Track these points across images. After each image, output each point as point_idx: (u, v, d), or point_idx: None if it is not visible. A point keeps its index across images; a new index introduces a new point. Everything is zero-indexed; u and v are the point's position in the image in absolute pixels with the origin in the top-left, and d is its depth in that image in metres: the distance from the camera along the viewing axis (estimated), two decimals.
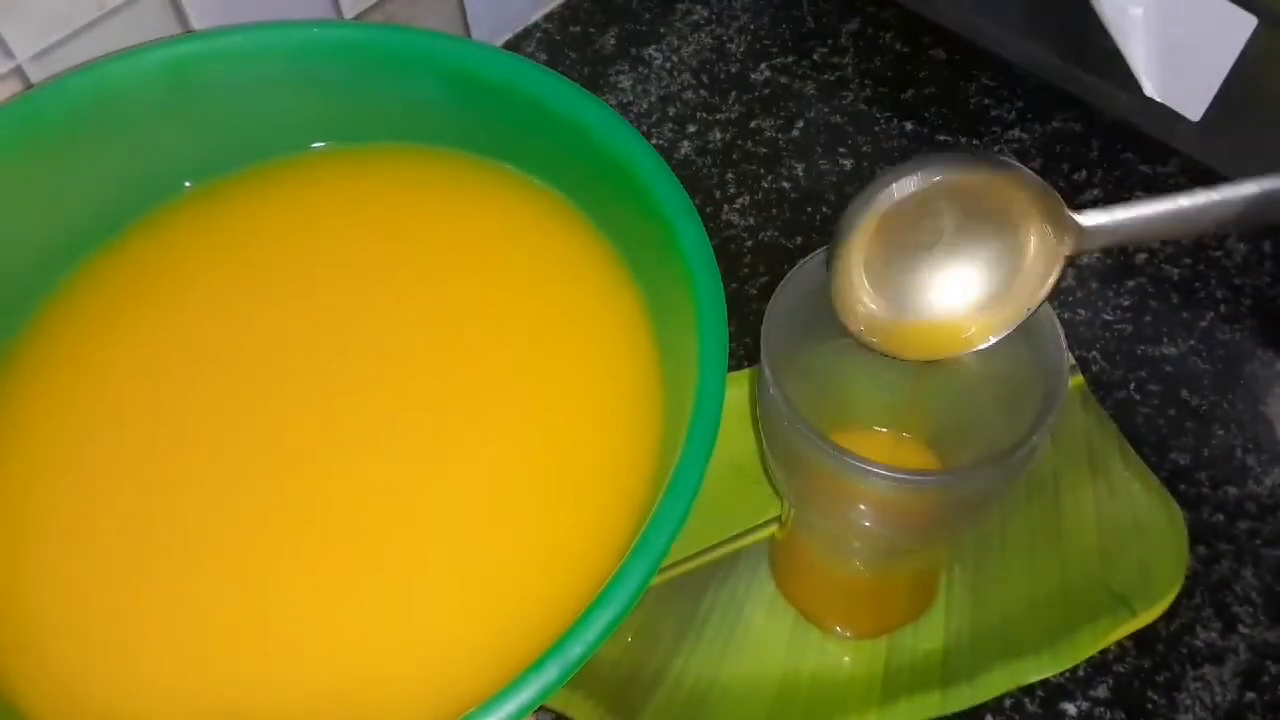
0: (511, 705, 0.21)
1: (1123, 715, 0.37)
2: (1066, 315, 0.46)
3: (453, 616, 0.25)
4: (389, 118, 0.31)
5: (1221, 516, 0.41)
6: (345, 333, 0.28)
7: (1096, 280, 0.47)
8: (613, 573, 0.22)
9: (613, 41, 0.56)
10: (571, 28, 0.56)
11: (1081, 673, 0.38)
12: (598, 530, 0.26)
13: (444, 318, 0.29)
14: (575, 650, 0.21)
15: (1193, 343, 0.45)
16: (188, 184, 0.31)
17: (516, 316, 0.29)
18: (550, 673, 0.21)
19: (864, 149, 0.51)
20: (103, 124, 0.29)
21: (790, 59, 0.54)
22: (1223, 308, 0.46)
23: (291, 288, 0.30)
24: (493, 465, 0.27)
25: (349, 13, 0.47)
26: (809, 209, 0.50)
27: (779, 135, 0.52)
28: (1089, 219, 0.28)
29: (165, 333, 0.29)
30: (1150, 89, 0.46)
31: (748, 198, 0.50)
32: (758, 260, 0.48)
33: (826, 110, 0.53)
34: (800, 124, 0.52)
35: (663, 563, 0.23)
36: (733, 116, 0.53)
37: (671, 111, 0.53)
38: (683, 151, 0.52)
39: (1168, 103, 0.47)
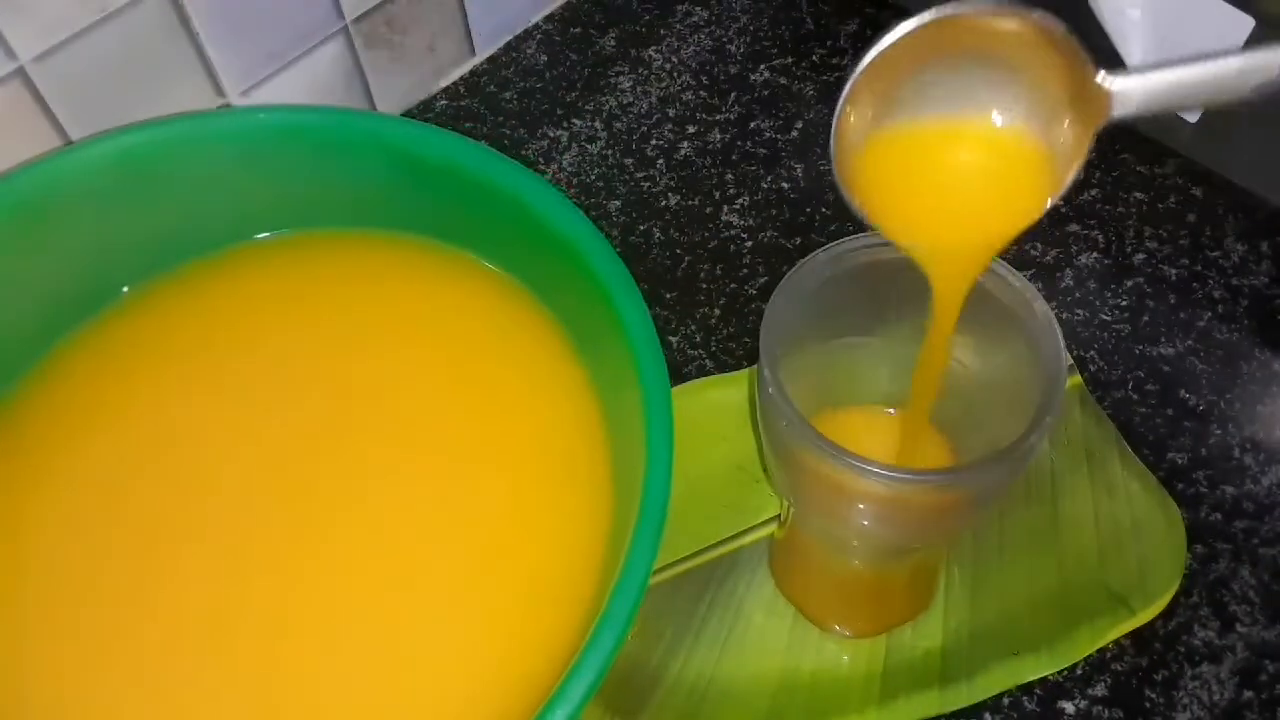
0: None
1: (1121, 714, 0.37)
2: (1065, 315, 0.46)
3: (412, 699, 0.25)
4: (338, 203, 0.31)
5: (1219, 516, 0.41)
6: (301, 424, 0.28)
7: (1095, 280, 0.47)
8: (567, 665, 0.23)
9: (612, 43, 0.56)
10: (571, 29, 0.56)
11: (1080, 671, 0.38)
12: (550, 622, 0.26)
13: (397, 401, 0.29)
14: None
15: (1190, 343, 0.45)
16: (125, 289, 0.31)
17: (468, 398, 0.29)
18: None
19: None
20: (50, 220, 0.29)
21: (789, 60, 0.54)
22: (1220, 308, 0.46)
23: (241, 381, 0.30)
24: (445, 549, 0.27)
25: (350, 14, 0.47)
26: (808, 209, 0.50)
27: (778, 136, 0.52)
28: (1120, 83, 0.25)
29: (113, 441, 0.29)
30: None
31: (747, 198, 0.50)
32: (757, 260, 0.48)
33: (826, 111, 0.53)
34: (800, 125, 0.53)
35: (611, 662, 0.23)
36: (732, 117, 0.53)
37: (671, 112, 0.53)
38: (682, 152, 0.52)
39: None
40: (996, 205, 0.28)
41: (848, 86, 0.26)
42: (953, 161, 0.28)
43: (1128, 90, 0.25)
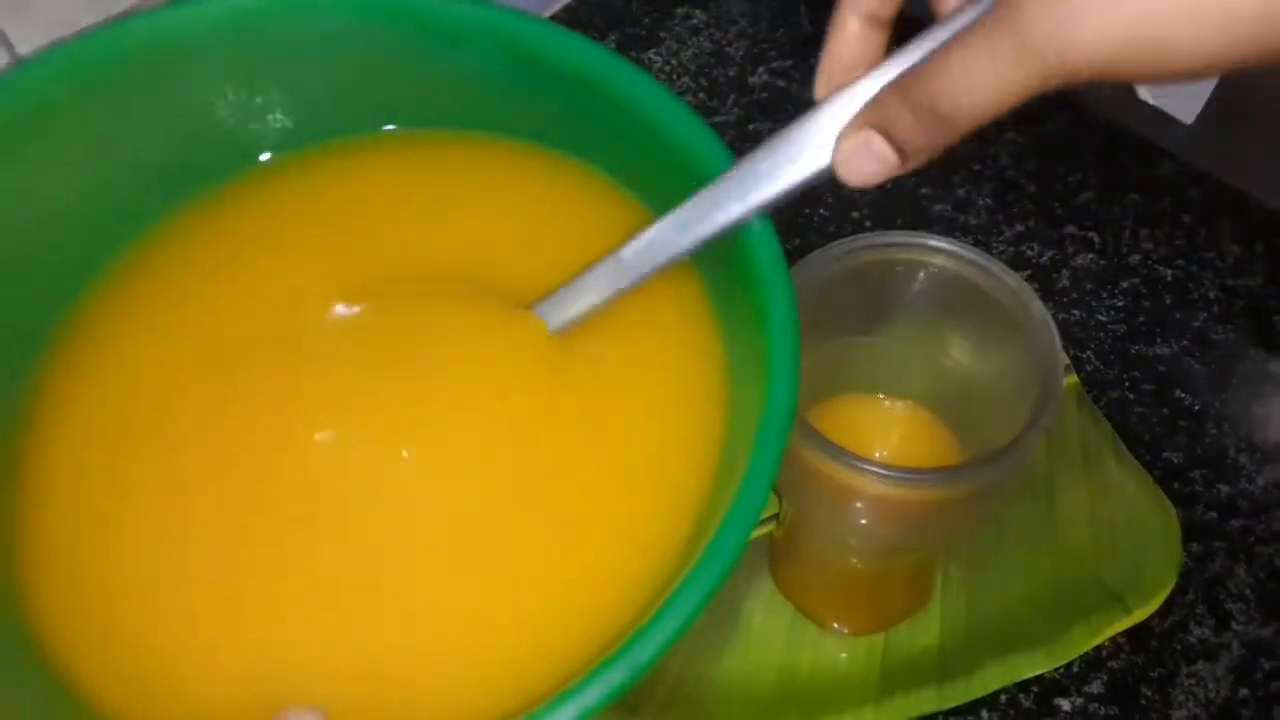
0: (572, 708, 0.20)
1: (1116, 711, 0.37)
2: (1061, 316, 0.46)
3: (513, 615, 0.25)
4: (458, 100, 0.29)
5: (1215, 514, 0.41)
6: (407, 321, 0.27)
7: (1091, 281, 0.47)
8: (684, 568, 0.22)
9: (612, 45, 0.56)
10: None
11: (1076, 669, 0.38)
12: (661, 526, 0.25)
13: (506, 313, 0.27)
14: (643, 654, 0.21)
15: (1186, 343, 0.45)
16: (263, 157, 0.29)
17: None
18: (618, 673, 0.21)
19: None
20: (162, 77, 0.27)
21: (788, 63, 0.54)
22: (1215, 308, 0.46)
23: (347, 269, 0.28)
24: (548, 465, 0.26)
25: None
26: (807, 210, 0.50)
27: None
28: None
29: (222, 311, 0.28)
30: (1144, 93, 0.46)
31: None
32: None
33: None
34: None
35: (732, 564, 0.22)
36: (731, 119, 0.53)
37: None
38: None
39: (1161, 106, 0.47)
40: None
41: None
42: None
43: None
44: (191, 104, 0.28)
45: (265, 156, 0.29)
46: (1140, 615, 0.38)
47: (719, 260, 0.27)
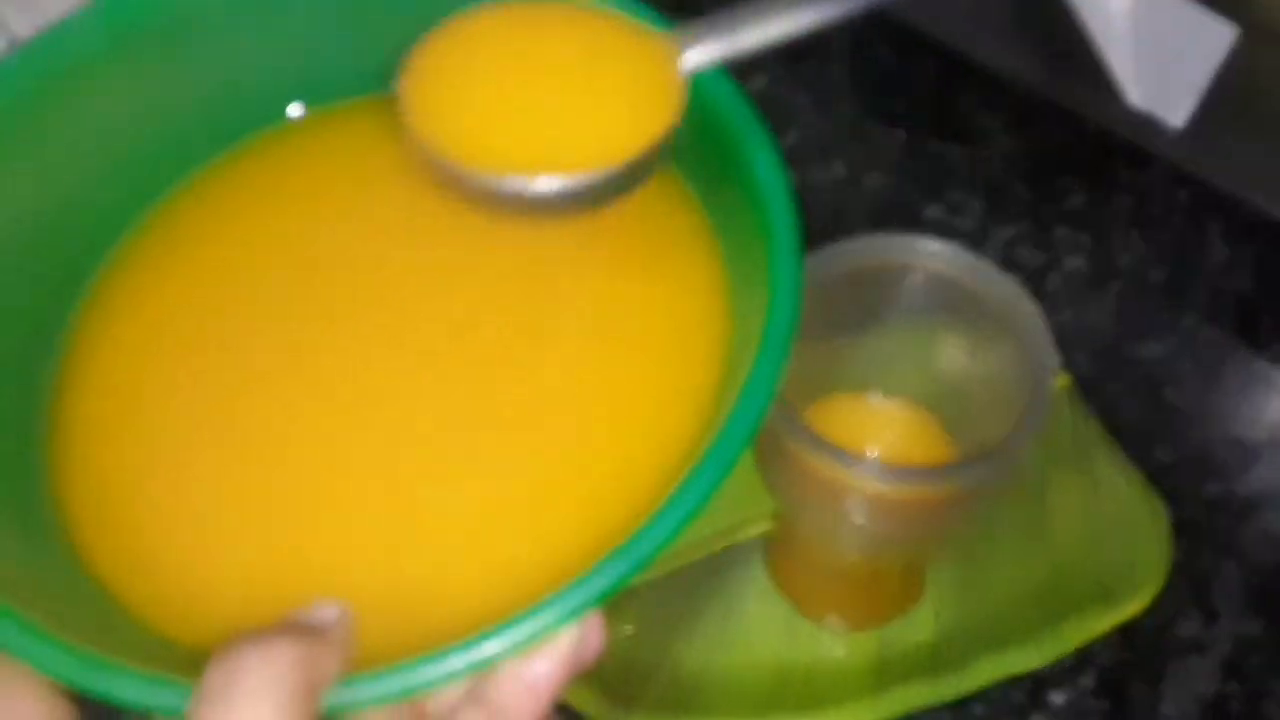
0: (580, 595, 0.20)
1: (1108, 705, 0.38)
2: (1052, 317, 0.46)
3: (529, 505, 0.25)
4: None
5: (1203, 512, 0.42)
6: (436, 260, 0.29)
7: (1082, 283, 0.48)
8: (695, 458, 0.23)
9: None
10: None
11: (1068, 663, 0.38)
12: (671, 421, 0.26)
13: (515, 251, 0.29)
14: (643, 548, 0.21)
15: (1176, 343, 0.46)
16: (288, 113, 0.31)
17: (582, 246, 0.29)
18: (621, 565, 0.21)
19: (856, 157, 0.52)
20: (195, 31, 0.29)
21: (782, 69, 0.55)
22: (1205, 309, 0.47)
23: (381, 216, 0.30)
24: (565, 369, 0.27)
25: None
26: (801, 216, 0.50)
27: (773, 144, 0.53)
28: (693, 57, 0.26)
29: (262, 253, 0.29)
30: (1134, 98, 0.47)
31: None
32: None
33: (820, 120, 0.54)
34: (793, 133, 0.53)
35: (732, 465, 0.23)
36: None
37: None
38: None
39: (1151, 111, 0.48)
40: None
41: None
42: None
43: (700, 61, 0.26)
44: (218, 58, 0.29)
45: (296, 112, 0.31)
46: (1130, 611, 0.38)
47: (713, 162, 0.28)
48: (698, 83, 0.28)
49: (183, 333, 0.28)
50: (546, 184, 0.25)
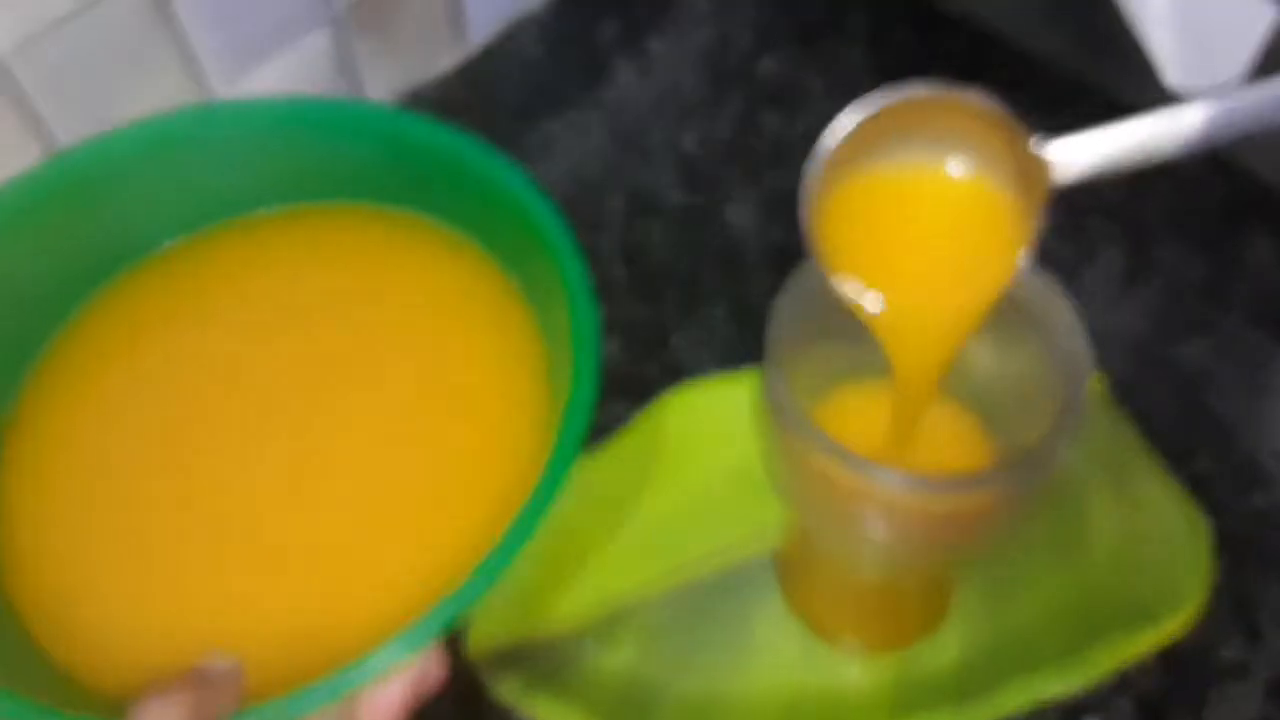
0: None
1: None
2: (1084, 314, 0.45)
3: (382, 560, 0.31)
4: (336, 178, 0.38)
5: (1247, 526, 0.40)
6: (293, 362, 0.35)
7: (1115, 278, 0.46)
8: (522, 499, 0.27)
9: (613, 32, 0.55)
10: (570, 17, 0.55)
11: (1103, 688, 0.37)
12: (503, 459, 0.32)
13: (371, 342, 0.35)
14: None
15: (1215, 345, 0.44)
16: (167, 242, 0.37)
17: (422, 334, 0.35)
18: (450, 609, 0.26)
19: None
20: (98, 190, 0.35)
21: (797, 50, 0.53)
22: (1246, 308, 0.45)
23: (244, 330, 0.36)
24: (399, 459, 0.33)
25: (338, 3, 0.46)
26: None
27: (785, 130, 0.51)
28: (1056, 151, 0.28)
29: (154, 369, 0.35)
30: (1171, 79, 0.46)
31: (752, 195, 0.49)
32: (762, 260, 0.47)
33: (835, 105, 0.51)
34: (807, 118, 0.51)
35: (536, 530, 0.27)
36: (737, 110, 0.52)
37: (673, 105, 0.52)
38: (684, 146, 0.51)
39: (1188, 93, 0.46)
40: (968, 262, 0.29)
41: (813, 176, 0.30)
42: (923, 215, 0.29)
43: (1066, 160, 0.28)
44: (114, 205, 0.36)
45: (169, 242, 0.38)
46: (1170, 632, 0.37)
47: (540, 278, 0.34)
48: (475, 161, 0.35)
49: (94, 423, 0.34)
50: None
